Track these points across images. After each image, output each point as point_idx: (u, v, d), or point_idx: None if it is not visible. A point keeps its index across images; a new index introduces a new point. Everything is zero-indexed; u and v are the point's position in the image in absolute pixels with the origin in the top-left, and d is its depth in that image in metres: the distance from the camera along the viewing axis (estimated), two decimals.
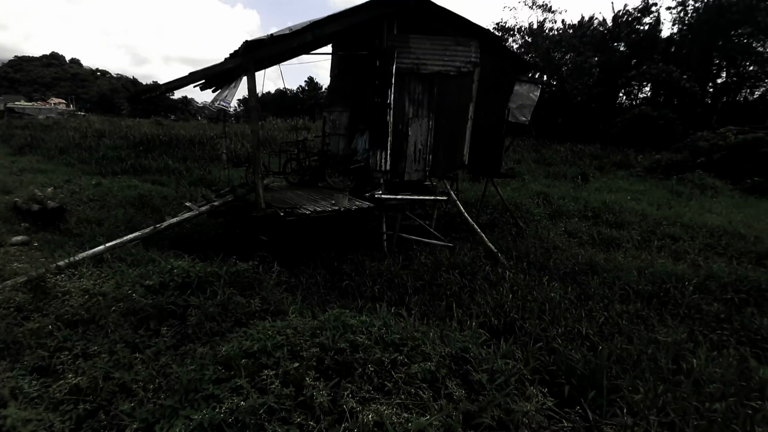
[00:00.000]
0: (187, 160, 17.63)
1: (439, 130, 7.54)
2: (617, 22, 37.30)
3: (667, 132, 28.01)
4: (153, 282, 3.80)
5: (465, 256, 6.79)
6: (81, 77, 72.87)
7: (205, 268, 4.00)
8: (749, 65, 35.74)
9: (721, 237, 8.37)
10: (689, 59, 34.28)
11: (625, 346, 4.27)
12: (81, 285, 4.01)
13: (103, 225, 7.49)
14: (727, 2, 32.89)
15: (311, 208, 6.29)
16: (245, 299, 3.96)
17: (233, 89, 5.84)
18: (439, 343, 3.22)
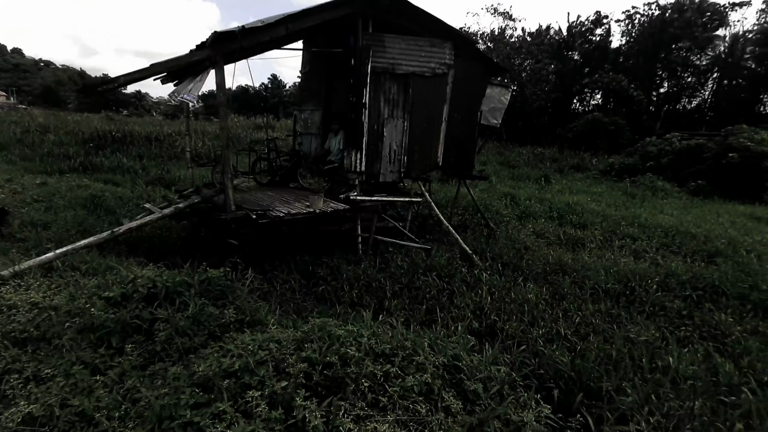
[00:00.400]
0: (143, 158, 16.60)
1: (414, 131, 7.44)
2: (571, 32, 39.08)
3: (617, 137, 29.68)
4: (113, 294, 3.40)
5: (441, 258, 6.72)
6: (23, 68, 67.14)
7: (174, 276, 3.63)
8: (688, 77, 38.53)
9: (675, 236, 8.81)
10: (636, 69, 36.44)
11: (602, 346, 4.33)
12: (29, 298, 3.54)
13: (50, 229, 6.79)
14: (669, 18, 35.20)
15: (284, 210, 5.99)
16: (218, 309, 3.64)
17: (199, 83, 5.43)
18: (431, 352, 3.08)
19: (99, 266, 4.44)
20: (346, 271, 6.09)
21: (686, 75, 38.07)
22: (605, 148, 28.38)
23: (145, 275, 3.54)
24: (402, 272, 6.36)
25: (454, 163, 8.13)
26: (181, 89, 5.83)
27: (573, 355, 4.03)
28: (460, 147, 8.12)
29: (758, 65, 35.18)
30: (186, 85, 5.77)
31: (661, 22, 34.92)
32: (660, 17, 35.08)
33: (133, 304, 3.29)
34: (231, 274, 4.44)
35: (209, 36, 5.09)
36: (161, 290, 3.44)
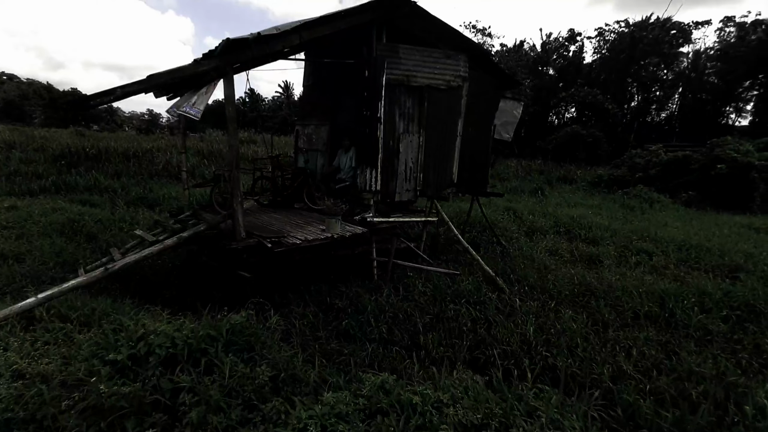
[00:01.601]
0: (121, 176, 15.50)
1: (430, 147, 6.96)
2: (546, 48, 40.14)
3: (596, 148, 30.34)
4: (121, 357, 2.69)
5: (467, 283, 6.18)
6: None
7: (195, 330, 2.95)
8: (656, 90, 40.10)
9: (689, 250, 8.60)
10: (608, 84, 37.60)
11: (674, 385, 3.88)
12: (9, 361, 2.78)
13: (24, 262, 5.89)
14: (638, 35, 36.57)
15: (300, 236, 5.34)
16: (247, 367, 2.98)
17: (204, 95, 4.77)
18: (525, 418, 2.52)
19: (92, 313, 3.68)
20: (368, 302, 5.46)
21: (655, 89, 39.64)
22: (584, 159, 28.92)
23: (160, 330, 2.84)
24: (427, 300, 5.79)
25: (468, 180, 7.69)
26: (181, 102, 5.15)
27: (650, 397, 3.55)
28: (474, 163, 7.69)
29: (719, 80, 37.01)
30: (188, 98, 5.09)
31: (632, 38, 36.22)
32: (630, 34, 36.40)
33: (149, 371, 2.59)
34: (254, 317, 3.77)
35: (220, 44, 4.47)
36: (182, 349, 2.75)
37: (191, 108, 4.78)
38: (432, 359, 4.45)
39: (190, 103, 4.85)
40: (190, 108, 4.80)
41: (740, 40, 34.06)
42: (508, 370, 4.07)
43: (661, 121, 41.92)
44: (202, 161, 18.39)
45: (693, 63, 38.19)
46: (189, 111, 4.76)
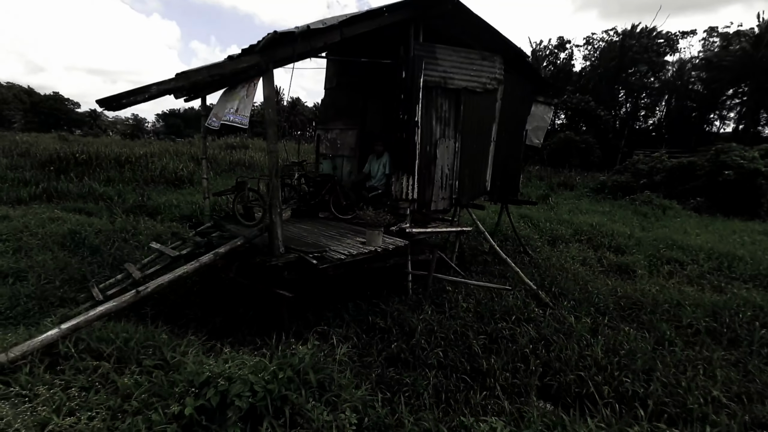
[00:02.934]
0: (114, 183, 14.74)
1: (465, 152, 6.56)
2: (535, 55, 40.46)
3: (588, 154, 30.56)
4: (188, 409, 2.17)
5: (513, 299, 5.76)
6: None
7: (274, 372, 2.44)
8: (644, 98, 40.85)
9: (721, 259, 8.38)
10: (598, 91, 38.05)
11: None
12: (39, 419, 2.23)
13: (27, 280, 5.25)
14: (627, 44, 37.18)
15: (343, 250, 4.85)
16: (329, 413, 2.48)
17: (247, 99, 4.27)
18: None
19: (127, 345, 3.12)
20: (417, 322, 4.99)
21: (642, 96, 40.38)
22: (578, 164, 29.09)
23: (233, 375, 2.32)
24: (473, 318, 5.35)
25: (500, 187, 7.31)
26: (220, 110, 4.64)
27: None
28: (506, 169, 7.32)
29: (704, 88, 37.87)
30: (224, 105, 4.59)
31: (621, 47, 36.78)
32: (620, 42, 36.96)
33: (228, 429, 2.08)
34: (321, 350, 3.27)
35: (263, 38, 3.98)
36: (262, 397, 2.24)
37: (235, 115, 4.28)
38: (500, 387, 4.02)
39: (232, 110, 4.35)
40: (233, 116, 4.29)
41: (724, 50, 34.94)
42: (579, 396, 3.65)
43: (648, 128, 42.69)
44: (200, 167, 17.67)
45: (678, 71, 39.05)
46: (234, 119, 4.26)
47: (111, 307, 3.36)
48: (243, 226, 5.76)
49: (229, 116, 4.36)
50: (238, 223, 5.94)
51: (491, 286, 5.72)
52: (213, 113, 4.87)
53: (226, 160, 21.75)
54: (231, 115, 4.37)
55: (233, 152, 24.31)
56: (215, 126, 4.79)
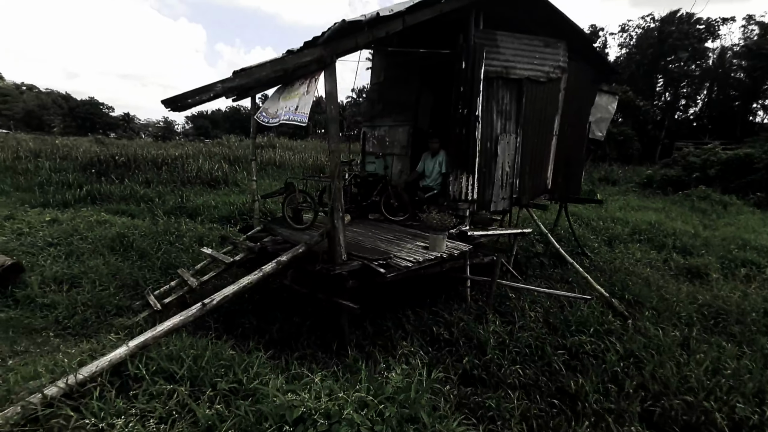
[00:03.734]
0: (152, 184, 14.91)
1: (526, 148, 6.09)
2: None
3: (627, 147, 29.18)
4: None
5: (584, 307, 5.27)
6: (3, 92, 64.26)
7: (380, 410, 2.11)
8: (684, 87, 38.80)
9: None
10: (635, 80, 36.34)
11: None
12: None
13: (81, 287, 5.15)
14: (667, 29, 35.33)
15: (408, 257, 4.50)
16: None
17: (306, 96, 3.97)
18: None
19: (199, 365, 2.87)
20: (486, 334, 4.59)
21: (683, 85, 38.37)
22: (615, 158, 27.81)
23: (331, 411, 2.00)
24: (545, 329, 4.91)
25: (561, 185, 6.80)
26: (272, 105, 4.37)
27: None
28: (568, 165, 6.80)
29: (746, 77, 35.52)
30: (281, 101, 4.32)
31: (659, 33, 34.99)
32: (658, 29, 35.17)
33: None
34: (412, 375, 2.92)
35: (329, 28, 3.66)
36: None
37: (295, 114, 3.98)
38: (593, 412, 3.59)
39: (291, 109, 4.06)
40: (293, 114, 4.00)
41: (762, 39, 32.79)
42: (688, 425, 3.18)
43: (689, 118, 40.59)
44: (234, 168, 17.76)
45: (719, 59, 36.88)
46: (294, 118, 3.97)
47: (178, 321, 3.12)
48: (294, 230, 5.50)
49: (288, 115, 4.08)
50: (288, 226, 5.69)
51: (566, 295, 5.25)
52: (263, 109, 4.60)
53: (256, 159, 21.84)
54: (290, 113, 4.08)
55: (261, 151, 24.42)
56: (265, 122, 4.53)
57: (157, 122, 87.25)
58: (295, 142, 36.95)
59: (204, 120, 79.88)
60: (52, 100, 63.22)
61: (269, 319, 4.97)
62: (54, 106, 61.88)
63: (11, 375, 2.98)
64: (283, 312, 5.19)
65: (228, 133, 53.28)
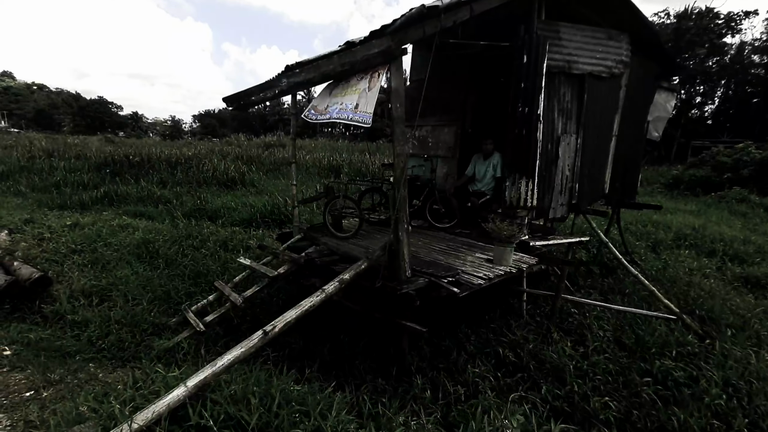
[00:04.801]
0: (168, 185, 14.56)
1: (586, 150, 5.61)
2: None
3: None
4: None
5: (658, 325, 4.78)
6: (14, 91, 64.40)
7: None
8: (700, 84, 37.94)
9: None
10: None
11: None
12: None
13: (112, 301, 4.74)
14: (685, 25, 34.49)
15: (475, 272, 4.03)
16: None
17: (369, 92, 3.51)
18: None
19: (268, 408, 2.43)
20: (563, 358, 4.12)
21: (698, 82, 37.52)
22: None
23: None
24: (618, 351, 4.43)
25: (618, 189, 6.30)
26: (321, 102, 3.91)
27: None
28: (625, 168, 6.31)
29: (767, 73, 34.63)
30: (335, 98, 3.86)
31: (676, 30, 34.14)
32: (674, 25, 34.33)
33: None
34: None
35: (400, 17, 3.20)
36: None
37: (355, 113, 3.53)
38: None
39: (350, 107, 3.61)
40: (353, 113, 3.55)
41: None
42: None
43: (705, 116, 39.74)
44: (251, 168, 17.38)
45: (737, 54, 35.97)
46: (355, 117, 3.52)
47: (239, 354, 2.68)
48: (339, 239, 5.06)
49: (347, 114, 3.62)
50: (330, 234, 5.25)
51: (647, 314, 4.75)
52: (311, 106, 4.15)
53: (269, 159, 21.37)
54: (348, 112, 3.63)
55: (274, 151, 24.03)
56: (313, 119, 4.07)
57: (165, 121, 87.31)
58: (304, 141, 36.57)
59: (211, 119, 79.77)
60: (62, 100, 63.34)
61: (316, 339, 4.54)
62: (64, 105, 61.97)
63: (50, 416, 2.57)
64: (328, 329, 4.76)
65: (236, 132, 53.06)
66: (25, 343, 3.69)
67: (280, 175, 18.72)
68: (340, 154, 21.93)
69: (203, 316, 4.30)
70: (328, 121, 3.87)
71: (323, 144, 34.62)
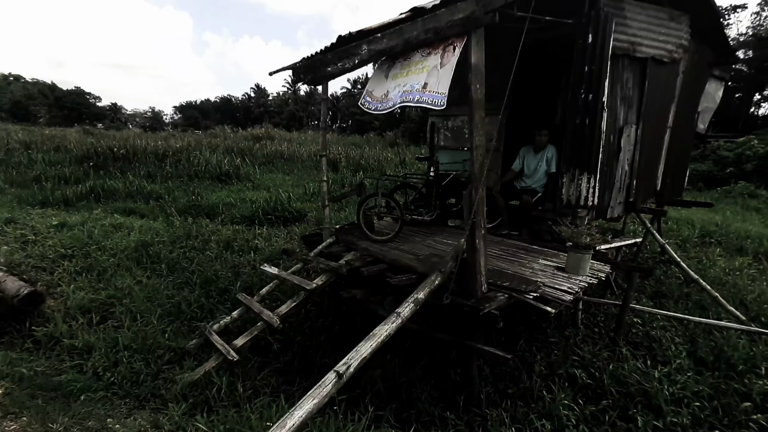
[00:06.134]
0: (157, 179, 13.57)
1: (644, 142, 5.07)
2: None
3: None
4: None
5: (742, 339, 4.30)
6: None
7: None
8: None
9: None
10: None
11: None
12: None
13: (115, 318, 3.98)
14: None
15: (562, 285, 3.43)
16: None
17: (442, 69, 2.87)
18: None
19: None
20: (639, 382, 3.57)
21: None
22: None
23: None
24: (695, 369, 3.93)
25: (669, 185, 5.81)
26: (377, 85, 3.23)
27: None
28: (676, 163, 5.81)
29: (750, 68, 34.76)
30: (396, 79, 3.19)
31: None
32: None
33: None
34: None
35: None
36: None
37: (423, 93, 2.89)
38: None
39: (417, 87, 2.95)
40: (421, 94, 2.91)
41: None
42: None
43: None
44: (244, 161, 16.46)
45: None
46: (424, 98, 2.88)
47: (312, 408, 2.02)
48: (379, 244, 4.40)
49: (413, 96, 2.97)
50: (366, 237, 4.59)
51: (738, 328, 4.25)
52: (367, 92, 3.47)
53: (261, 152, 20.36)
54: (416, 94, 2.97)
55: (265, 143, 22.98)
56: (372, 109, 3.40)
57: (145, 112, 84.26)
58: (292, 133, 35.27)
59: (193, 110, 77.27)
60: (38, 90, 60.20)
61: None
62: (40, 96, 58.93)
63: None
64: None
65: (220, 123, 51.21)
66: (17, 378, 2.93)
67: (274, 168, 17.84)
68: (336, 148, 21.11)
69: (227, 336, 3.61)
70: (391, 109, 3.19)
71: (313, 137, 33.47)
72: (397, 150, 21.56)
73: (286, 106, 70.56)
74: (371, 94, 3.43)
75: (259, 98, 74.68)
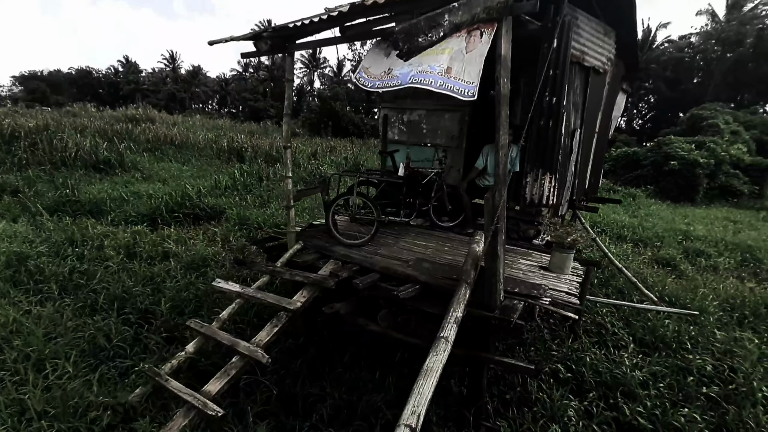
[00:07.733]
0: (7, 167, 10.56)
1: (584, 144, 5.47)
2: None
3: None
4: None
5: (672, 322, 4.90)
6: None
7: None
8: None
9: (736, 250, 8.73)
10: None
11: None
12: None
13: (10, 372, 2.73)
14: None
15: (561, 286, 3.38)
16: None
17: (467, 54, 2.51)
18: None
19: None
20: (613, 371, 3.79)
21: None
22: None
23: None
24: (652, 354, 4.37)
25: (592, 184, 6.43)
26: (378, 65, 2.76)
27: None
28: (597, 165, 6.45)
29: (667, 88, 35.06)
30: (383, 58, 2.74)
31: None
32: None
33: None
34: None
35: None
36: None
37: (450, 80, 2.50)
38: None
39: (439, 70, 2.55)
40: (444, 78, 2.52)
41: None
42: None
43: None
44: (129, 147, 13.80)
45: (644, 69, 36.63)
46: (450, 85, 2.49)
47: None
48: (353, 248, 3.90)
49: (434, 79, 2.58)
50: (337, 241, 4.03)
51: (670, 311, 4.79)
52: (362, 68, 2.96)
53: (144, 136, 17.35)
54: (438, 77, 2.58)
55: (148, 126, 19.61)
56: (368, 86, 2.92)
57: None
58: (176, 117, 30.90)
59: (39, 82, 63.00)
60: None
61: (343, 383, 3.35)
62: None
63: None
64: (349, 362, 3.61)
65: (77, 100, 42.43)
66: None
67: (164, 156, 15.36)
68: (237, 136, 19.11)
69: (204, 384, 2.76)
70: (398, 88, 2.73)
71: (202, 122, 29.78)
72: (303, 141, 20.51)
73: (164, 84, 62.14)
74: (367, 70, 2.94)
75: (129, 73, 64.24)
